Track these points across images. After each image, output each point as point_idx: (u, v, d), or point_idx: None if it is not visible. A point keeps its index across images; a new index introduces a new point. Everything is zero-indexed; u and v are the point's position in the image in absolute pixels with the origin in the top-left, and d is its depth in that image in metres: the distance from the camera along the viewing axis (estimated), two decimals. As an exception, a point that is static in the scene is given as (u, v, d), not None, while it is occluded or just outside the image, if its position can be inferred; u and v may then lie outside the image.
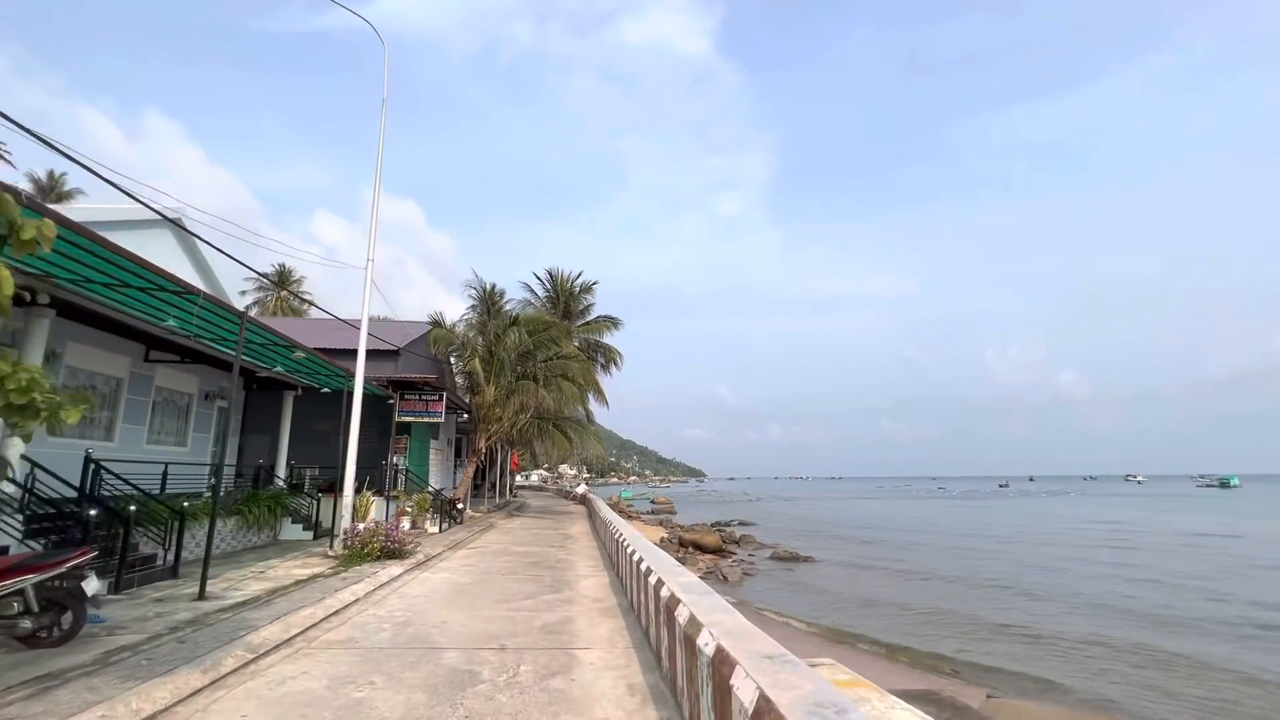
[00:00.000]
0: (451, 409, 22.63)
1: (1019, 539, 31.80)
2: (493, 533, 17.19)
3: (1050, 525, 40.63)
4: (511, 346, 21.42)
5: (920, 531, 35.78)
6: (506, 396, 21.25)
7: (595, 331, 32.46)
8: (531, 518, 24.20)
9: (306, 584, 8.13)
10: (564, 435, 21.45)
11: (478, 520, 20.73)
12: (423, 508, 15.63)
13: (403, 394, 16.32)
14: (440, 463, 22.49)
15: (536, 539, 15.74)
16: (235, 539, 11.35)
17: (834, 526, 40.31)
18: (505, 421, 21.53)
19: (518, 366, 21.53)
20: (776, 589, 18.21)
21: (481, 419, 22.12)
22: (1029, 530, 36.88)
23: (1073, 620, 13.84)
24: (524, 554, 12.70)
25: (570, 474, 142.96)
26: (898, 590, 17.59)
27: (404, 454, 17.59)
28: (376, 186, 12.25)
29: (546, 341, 22.72)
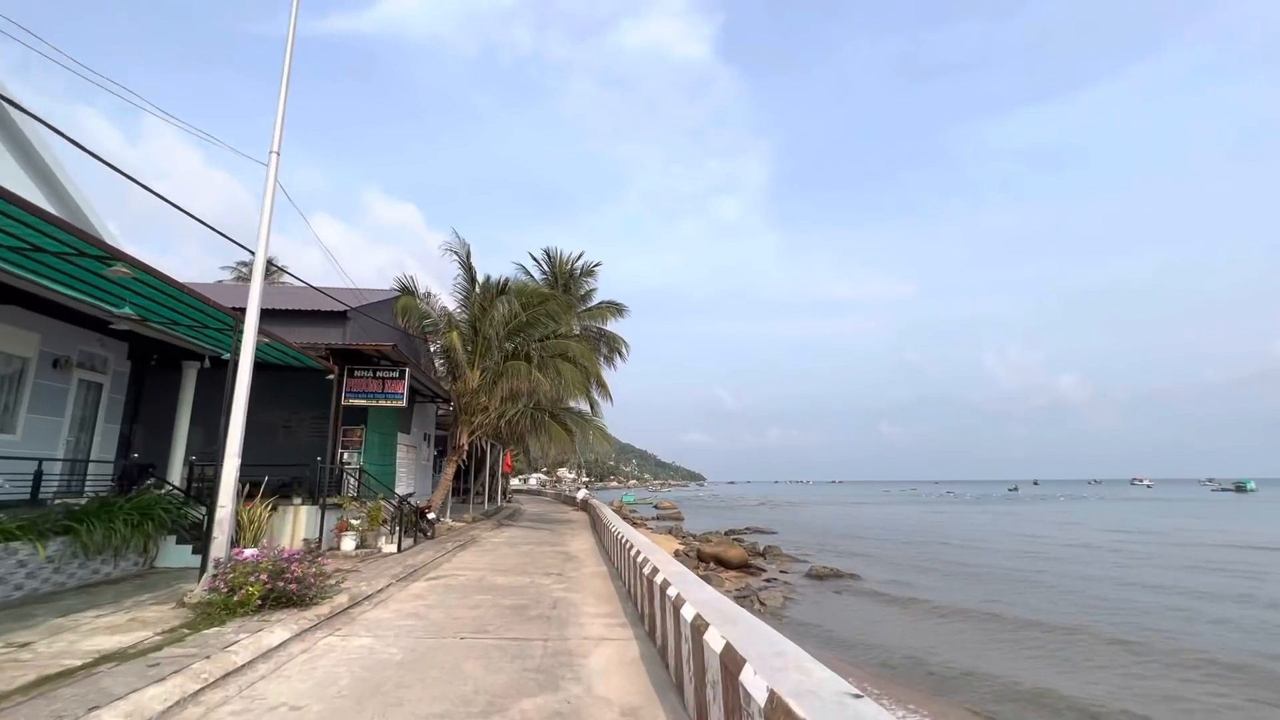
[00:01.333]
0: (428, 397, 18.75)
1: (1082, 552, 27.92)
2: (471, 551, 13.30)
3: (1104, 537, 36.76)
4: (500, 320, 17.55)
5: (963, 542, 31.89)
6: (493, 381, 17.36)
7: (598, 318, 28.64)
8: (524, 528, 20.30)
9: (57, 684, 4.24)
10: (563, 428, 17.59)
11: (457, 533, 16.83)
12: (375, 520, 11.74)
13: (350, 369, 12.45)
14: (413, 463, 18.59)
15: (526, 561, 11.85)
16: (69, 570, 7.46)
17: (860, 535, 36.42)
18: (492, 412, 17.66)
19: (506, 345, 17.67)
20: (833, 620, 14.33)
21: (463, 409, 18.24)
22: (1084, 540, 33.01)
23: None
24: (505, 589, 8.82)
25: (569, 478, 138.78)
26: (989, 634, 13.70)
27: (358, 449, 13.71)
28: (287, 58, 8.46)
29: (542, 317, 18.90)
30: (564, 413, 18.01)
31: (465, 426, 18.24)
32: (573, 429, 17.88)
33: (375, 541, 11.68)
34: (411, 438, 18.08)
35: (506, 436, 19.61)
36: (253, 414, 7.59)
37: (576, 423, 18.14)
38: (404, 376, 12.61)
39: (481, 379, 17.73)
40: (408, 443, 17.63)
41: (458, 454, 18.47)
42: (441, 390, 17.24)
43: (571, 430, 17.82)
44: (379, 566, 9.97)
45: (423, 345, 18.67)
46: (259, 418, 11.72)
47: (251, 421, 7.58)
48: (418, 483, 19.20)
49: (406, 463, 17.58)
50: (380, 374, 12.50)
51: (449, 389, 18.03)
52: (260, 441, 12.59)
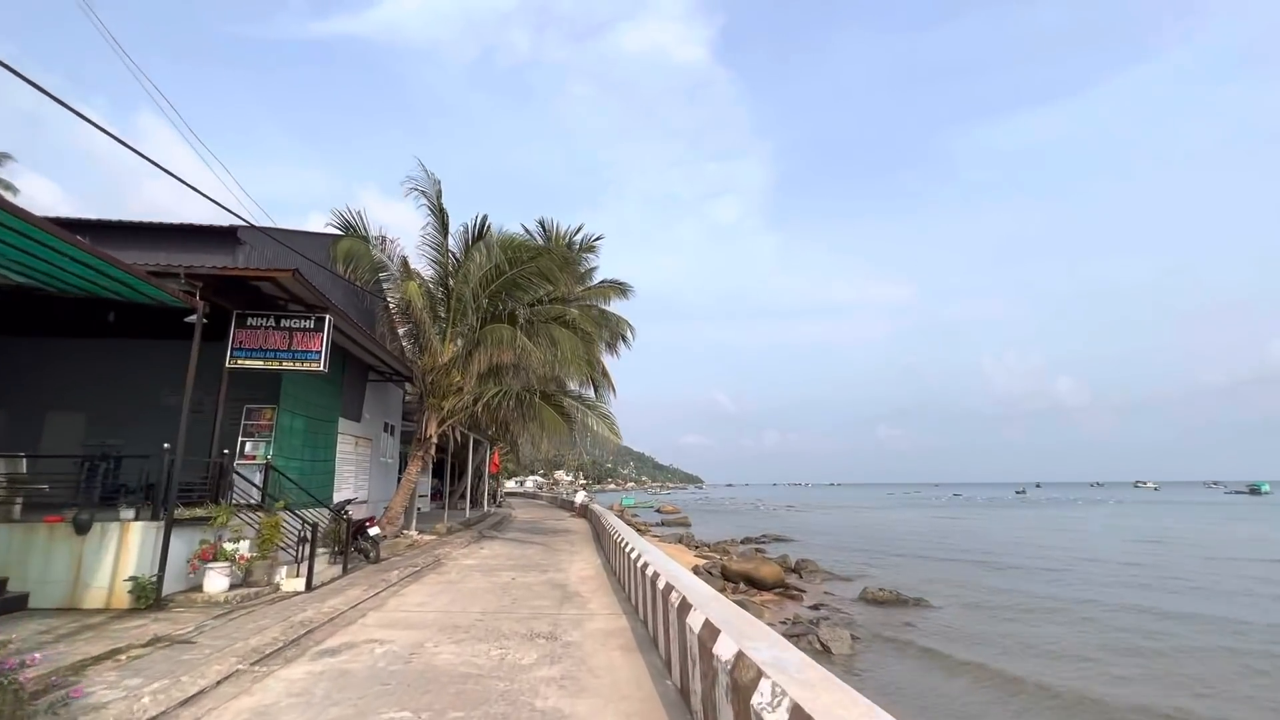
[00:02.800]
0: (386, 375, 14.69)
1: (1184, 569, 23.96)
2: (425, 584, 9.24)
3: (1183, 548, 32.82)
4: (477, 274, 13.54)
5: (1022, 556, 27.91)
6: (468, 352, 13.33)
7: (599, 297, 24.62)
8: (510, 542, 16.24)
9: None
10: (559, 413, 13.49)
11: (419, 551, 12.78)
12: (269, 543, 7.66)
13: (243, 316, 8.36)
14: (367, 460, 14.54)
15: (502, 605, 7.82)
16: None
17: (893, 544, 32.42)
18: (466, 393, 13.62)
19: (486, 305, 13.65)
20: (935, 683, 10.30)
21: (430, 391, 14.20)
22: (1164, 553, 29.05)
23: None
24: (447, 683, 4.75)
25: (566, 480, 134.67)
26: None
27: (267, 438, 9.64)
28: None
29: (533, 277, 14.89)
30: (560, 394, 13.92)
31: (434, 413, 14.19)
32: (571, 415, 13.81)
33: (271, 575, 7.62)
34: (363, 427, 14.00)
35: (487, 426, 15.52)
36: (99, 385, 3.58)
37: (576, 407, 14.05)
38: (323, 328, 8.54)
39: (453, 350, 13.69)
40: (357, 433, 13.56)
41: (424, 448, 14.40)
42: (398, 363, 13.18)
43: (570, 416, 13.76)
44: (240, 628, 5.92)
45: (383, 313, 14.60)
46: (111, 389, 7.91)
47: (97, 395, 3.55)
48: (377, 486, 15.14)
49: (355, 460, 13.52)
50: (287, 323, 8.44)
51: (413, 366, 13.96)
52: (118, 423, 8.56)
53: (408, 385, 14.84)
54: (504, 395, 12.98)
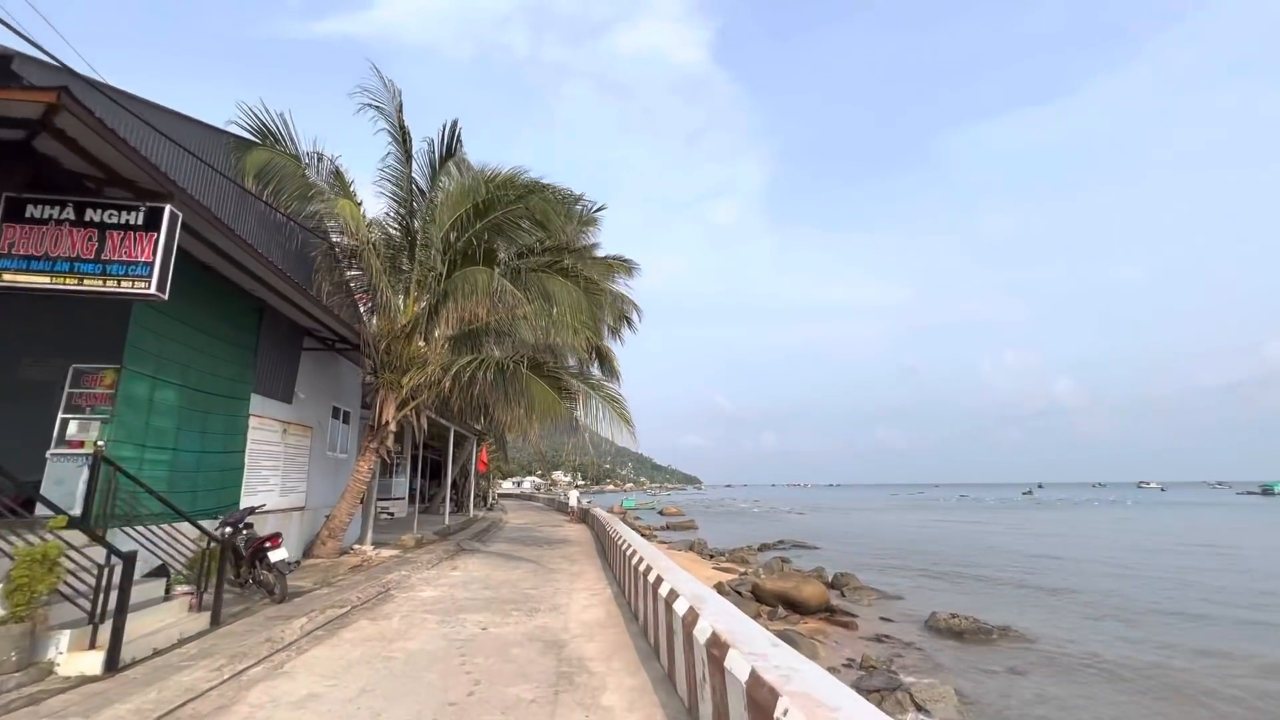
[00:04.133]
0: (329, 343, 11.31)
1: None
2: (340, 642, 5.85)
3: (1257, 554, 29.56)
4: (448, 210, 10.18)
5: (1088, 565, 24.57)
6: (432, 310, 9.98)
7: (601, 272, 21.27)
8: (495, 558, 12.87)
9: None
10: (553, 387, 9.96)
11: (365, 576, 9.41)
12: (35, 587, 4.27)
13: (14, 200, 4.94)
14: (308, 454, 11.16)
15: (450, 695, 4.44)
16: None
17: (927, 551, 29.10)
18: (433, 363, 10.26)
19: (457, 243, 10.29)
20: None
21: (387, 364, 10.83)
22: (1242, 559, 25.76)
23: None
24: None
25: (564, 480, 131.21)
26: None
27: (105, 414, 6.24)
28: None
29: (523, 221, 11.55)
30: (556, 367, 10.42)
31: (391, 393, 10.81)
32: (575, 393, 10.32)
33: (34, 649, 4.24)
34: (297, 411, 10.61)
35: (462, 409, 12.09)
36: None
37: (577, 385, 10.52)
38: (160, 226, 5.14)
39: (416, 310, 10.33)
40: (286, 418, 10.17)
41: (380, 439, 11.03)
42: (338, 323, 9.78)
43: (571, 393, 10.28)
44: None
45: (324, 262, 11.15)
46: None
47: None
48: (322, 488, 11.76)
49: (284, 454, 10.14)
50: (97, 215, 5.05)
51: (365, 330, 10.55)
52: None
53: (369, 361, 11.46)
54: (481, 365, 9.57)
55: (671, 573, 6.22)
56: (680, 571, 6.67)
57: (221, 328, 8.22)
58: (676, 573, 6.55)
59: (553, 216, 11.67)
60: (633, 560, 7.89)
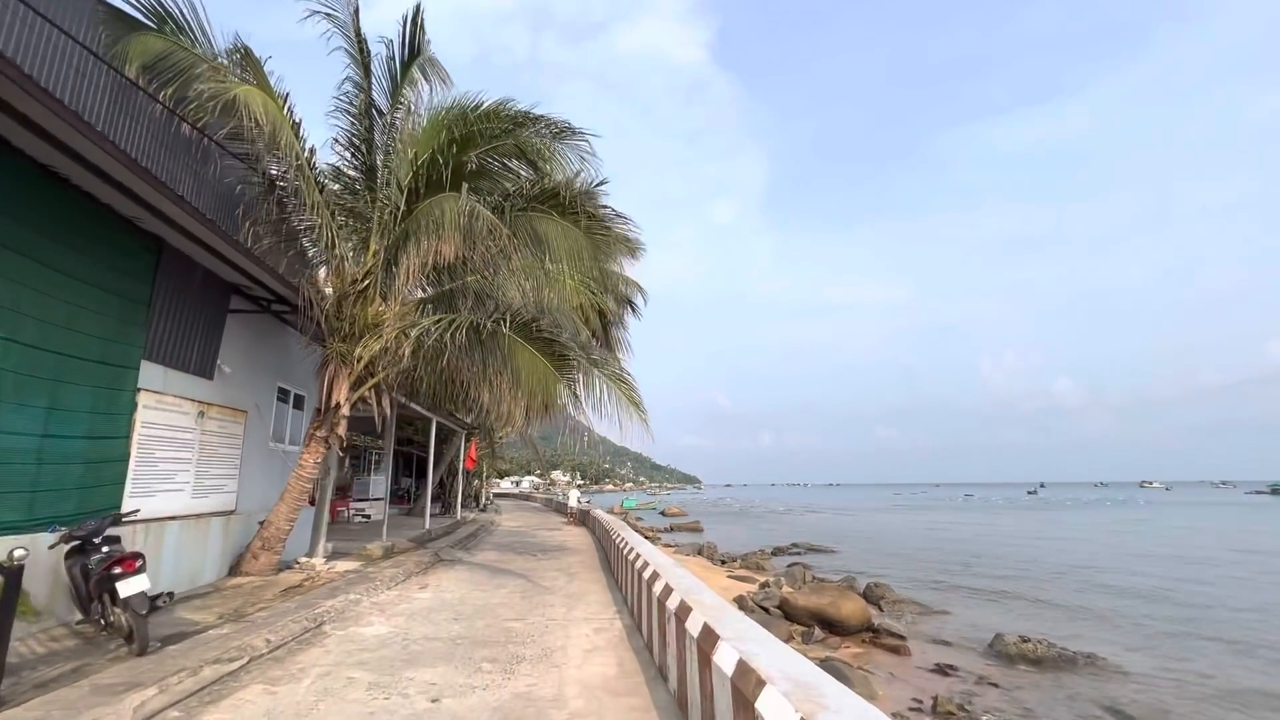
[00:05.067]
0: (264, 304, 9.05)
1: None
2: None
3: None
4: (411, 133, 7.90)
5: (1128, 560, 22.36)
6: (391, 258, 7.73)
7: (602, 248, 18.98)
8: (477, 571, 10.64)
9: None
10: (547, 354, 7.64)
11: (297, 603, 7.15)
12: None
13: None
14: (240, 445, 8.93)
15: None
16: None
17: (954, 556, 26.89)
18: (390, 326, 8.01)
19: (424, 173, 8.02)
20: None
21: (334, 329, 8.57)
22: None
23: None
24: None
25: (563, 480, 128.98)
26: None
27: None
28: None
29: (510, 159, 9.32)
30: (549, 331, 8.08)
31: (343, 368, 8.56)
32: (571, 361, 7.94)
33: None
34: (220, 389, 8.36)
35: (436, 391, 9.74)
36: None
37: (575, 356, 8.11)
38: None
39: (373, 258, 8.07)
40: (200, 397, 7.92)
41: (328, 425, 8.77)
42: (267, 275, 7.51)
43: (571, 359, 7.91)
44: None
45: (262, 204, 8.85)
46: None
47: None
48: (261, 487, 9.50)
49: (202, 442, 7.89)
50: None
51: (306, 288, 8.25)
52: None
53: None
54: (451, 327, 7.30)
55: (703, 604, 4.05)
56: (708, 594, 4.53)
57: (90, 268, 5.98)
58: (704, 595, 4.41)
59: (545, 156, 9.38)
60: (650, 583, 5.70)
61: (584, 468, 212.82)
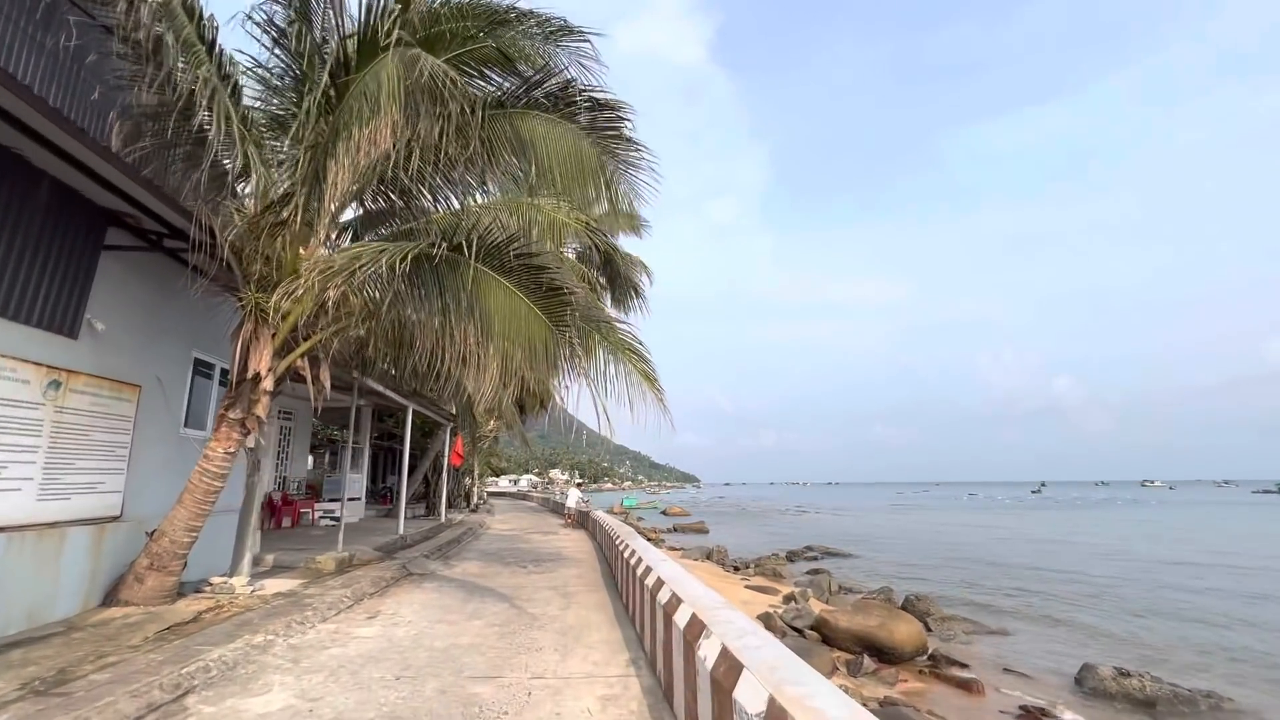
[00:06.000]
0: (153, 239, 6.82)
1: None
2: None
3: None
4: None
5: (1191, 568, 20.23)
6: (317, 171, 5.53)
7: (602, 226, 16.81)
8: (445, 596, 8.47)
9: None
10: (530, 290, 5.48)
11: (197, 635, 4.94)
12: None
13: None
14: (130, 431, 6.73)
15: None
16: None
17: (983, 562, 24.80)
18: (314, 269, 5.80)
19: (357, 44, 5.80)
20: None
21: (249, 275, 6.37)
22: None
23: None
24: None
25: (561, 479, 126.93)
26: None
27: None
28: None
29: (488, 65, 7.10)
30: (531, 254, 5.87)
31: (263, 328, 6.39)
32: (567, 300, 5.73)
33: None
34: (90, 352, 6.18)
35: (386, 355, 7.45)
36: None
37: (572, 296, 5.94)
38: None
39: (295, 174, 5.87)
40: (55, 362, 5.74)
41: (245, 405, 6.59)
42: (147, 193, 5.32)
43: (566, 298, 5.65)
44: None
45: (156, 105, 6.64)
46: None
47: None
48: (166, 487, 7.28)
49: (48, 425, 5.70)
50: None
51: (203, 212, 6.03)
52: None
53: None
54: (399, 258, 5.11)
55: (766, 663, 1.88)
56: (779, 650, 2.38)
57: None
58: (771, 653, 2.26)
59: (540, 62, 7.16)
60: (689, 636, 3.56)
61: (583, 467, 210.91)
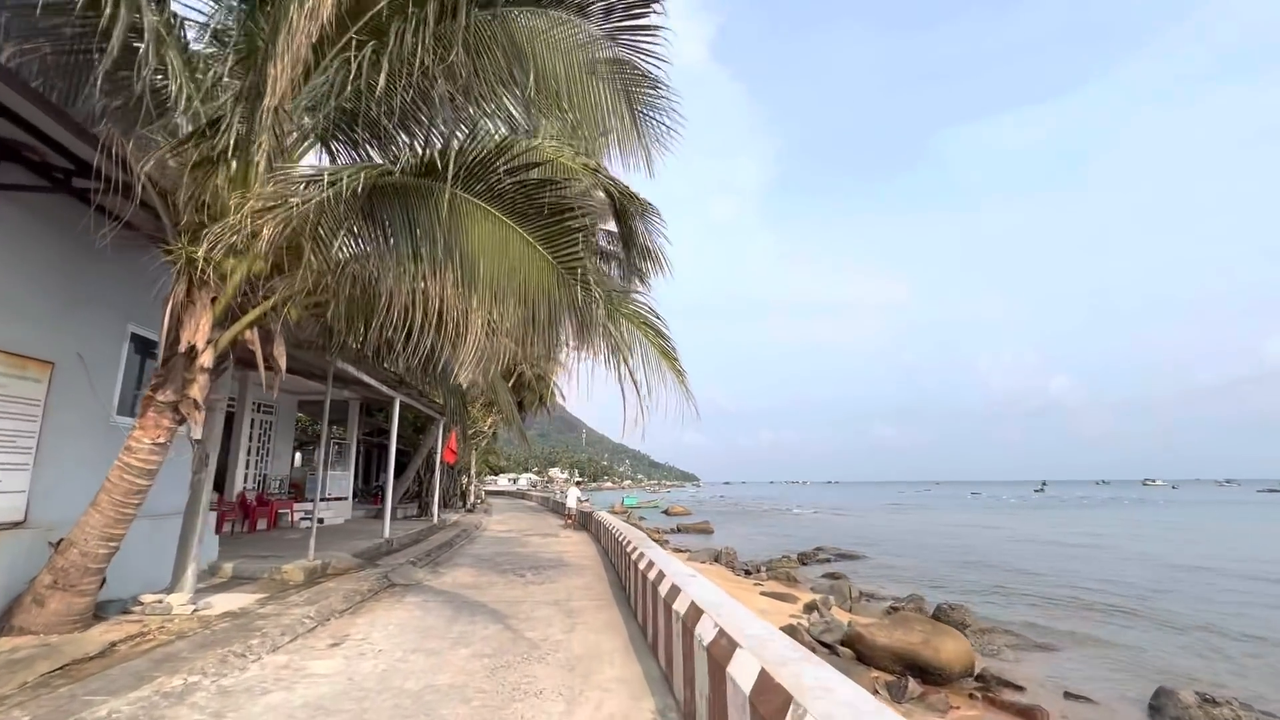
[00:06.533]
0: (70, 176, 5.52)
1: None
2: None
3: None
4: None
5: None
6: (260, 79, 4.29)
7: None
8: (429, 614, 7.24)
9: None
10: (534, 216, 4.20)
11: (94, 678, 3.70)
12: None
13: None
14: (52, 419, 5.45)
15: None
16: None
17: (1003, 565, 23.62)
18: (249, 200, 4.55)
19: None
20: None
21: (179, 224, 5.11)
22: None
23: None
24: None
25: (561, 478, 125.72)
26: None
27: None
28: None
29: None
30: (529, 172, 4.58)
31: (200, 290, 5.17)
32: (572, 223, 4.40)
33: None
34: None
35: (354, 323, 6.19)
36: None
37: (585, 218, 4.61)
38: None
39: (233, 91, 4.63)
40: None
41: (175, 385, 5.34)
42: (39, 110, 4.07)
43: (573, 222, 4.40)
44: None
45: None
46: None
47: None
48: (89, 486, 6.01)
49: None
50: None
51: (116, 138, 4.79)
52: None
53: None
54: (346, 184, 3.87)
55: None
56: None
57: None
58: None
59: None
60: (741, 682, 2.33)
61: (582, 465, 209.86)
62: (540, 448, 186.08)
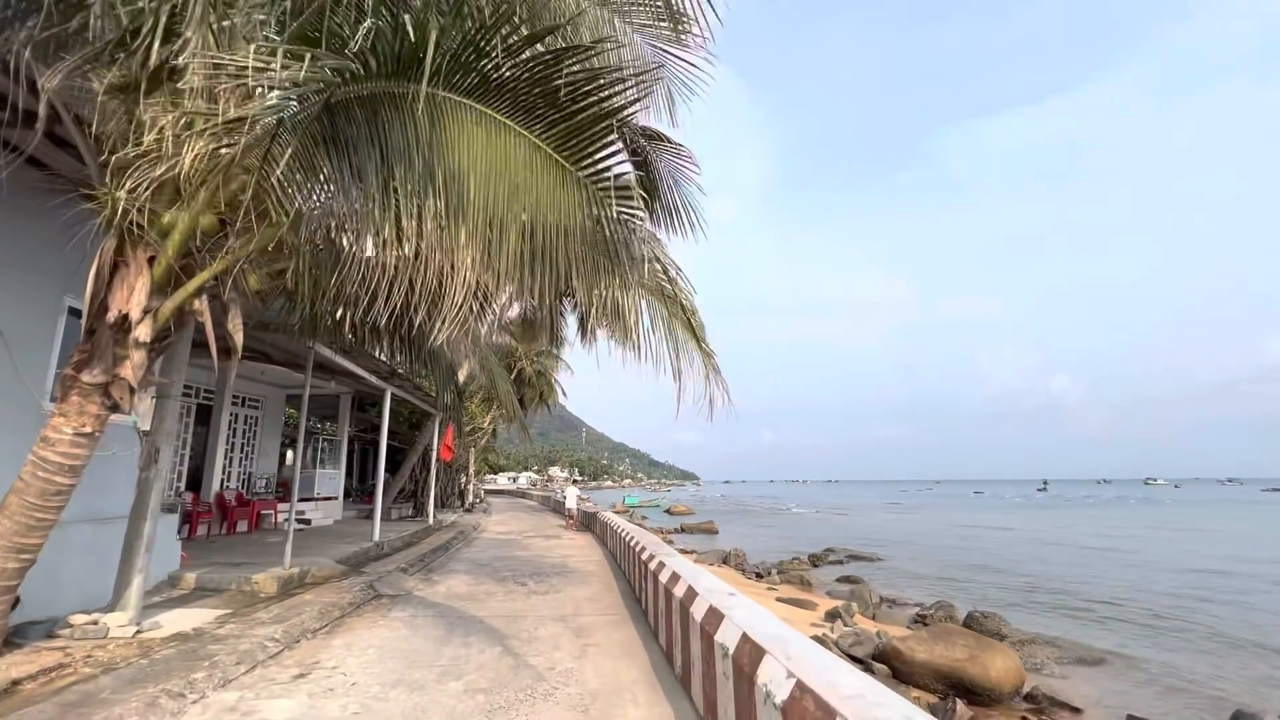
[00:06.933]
0: None
1: None
2: None
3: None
4: None
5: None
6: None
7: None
8: (416, 634, 6.29)
9: None
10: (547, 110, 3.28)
11: None
12: None
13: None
14: None
15: None
16: None
17: (1021, 568, 22.68)
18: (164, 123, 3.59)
19: None
20: None
21: (106, 163, 4.13)
22: None
23: None
24: None
25: (561, 477, 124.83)
26: None
27: None
28: None
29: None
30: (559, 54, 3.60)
31: (135, 249, 4.21)
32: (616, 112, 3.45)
33: None
34: None
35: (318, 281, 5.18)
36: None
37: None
38: None
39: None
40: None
41: (103, 362, 4.37)
42: None
43: (614, 107, 3.42)
44: None
45: None
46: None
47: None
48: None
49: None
50: None
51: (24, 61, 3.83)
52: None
53: None
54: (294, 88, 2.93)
55: None
56: None
57: None
58: None
59: None
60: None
61: (582, 464, 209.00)
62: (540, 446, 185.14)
